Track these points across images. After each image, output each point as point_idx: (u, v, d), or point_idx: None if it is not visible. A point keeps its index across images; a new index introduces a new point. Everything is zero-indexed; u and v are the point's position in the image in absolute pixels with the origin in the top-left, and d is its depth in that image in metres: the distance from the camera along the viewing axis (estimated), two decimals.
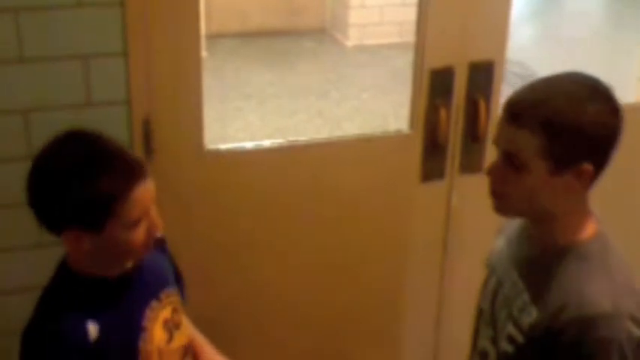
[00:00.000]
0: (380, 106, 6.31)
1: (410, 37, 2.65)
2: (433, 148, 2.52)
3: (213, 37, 7.09)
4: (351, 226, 2.56)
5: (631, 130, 1.76)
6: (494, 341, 1.79)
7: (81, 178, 1.58)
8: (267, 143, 2.53)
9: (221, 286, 2.30)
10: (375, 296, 2.67)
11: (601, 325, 1.54)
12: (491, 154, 1.70)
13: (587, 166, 1.59)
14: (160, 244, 1.88)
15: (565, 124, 1.58)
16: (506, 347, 1.72)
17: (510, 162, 1.63)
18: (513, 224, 1.83)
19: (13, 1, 1.99)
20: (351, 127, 5.97)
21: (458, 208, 2.62)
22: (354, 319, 2.68)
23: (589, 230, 1.67)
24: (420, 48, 2.46)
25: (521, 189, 1.64)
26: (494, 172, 1.68)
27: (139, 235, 1.64)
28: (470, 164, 2.55)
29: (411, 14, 2.80)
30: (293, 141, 2.57)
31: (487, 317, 1.84)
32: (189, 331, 1.92)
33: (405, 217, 2.63)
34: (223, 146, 2.44)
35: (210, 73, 5.74)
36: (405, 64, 3.51)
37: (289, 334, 2.58)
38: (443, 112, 2.48)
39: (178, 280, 1.93)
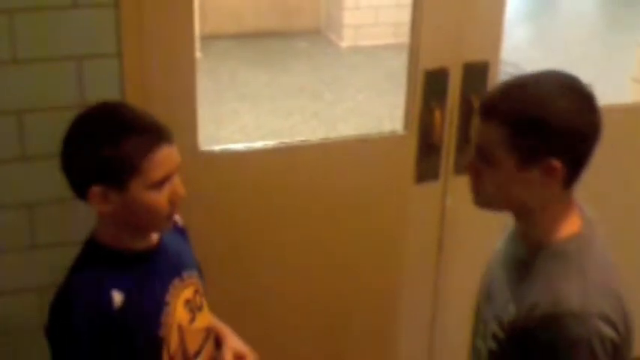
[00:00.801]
0: (375, 108, 6.31)
1: (405, 38, 2.65)
2: (428, 149, 2.53)
3: (207, 38, 7.09)
4: (346, 226, 2.56)
5: (627, 130, 1.76)
6: (484, 339, 1.80)
7: (106, 136, 1.63)
8: (261, 144, 2.52)
9: (215, 287, 2.29)
10: (371, 296, 2.67)
11: (569, 323, 1.54)
12: None
13: (556, 163, 1.58)
14: (182, 232, 1.93)
15: (529, 117, 1.57)
16: (492, 345, 1.73)
17: (482, 156, 1.64)
18: (512, 225, 1.82)
19: (7, 2, 1.98)
20: (346, 129, 5.97)
21: (452, 209, 2.62)
22: (350, 319, 2.68)
23: (571, 228, 1.66)
24: (414, 49, 2.46)
25: (493, 183, 1.65)
26: (470, 168, 1.70)
27: (162, 198, 1.66)
28: (464, 165, 2.54)
29: (405, 15, 2.80)
30: (288, 142, 2.56)
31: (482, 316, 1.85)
32: (210, 315, 1.94)
33: (399, 217, 2.63)
34: (218, 147, 2.44)
35: (204, 74, 5.74)
36: (399, 65, 3.51)
37: (284, 334, 2.58)
38: (437, 113, 2.48)
39: (198, 270, 1.95)
